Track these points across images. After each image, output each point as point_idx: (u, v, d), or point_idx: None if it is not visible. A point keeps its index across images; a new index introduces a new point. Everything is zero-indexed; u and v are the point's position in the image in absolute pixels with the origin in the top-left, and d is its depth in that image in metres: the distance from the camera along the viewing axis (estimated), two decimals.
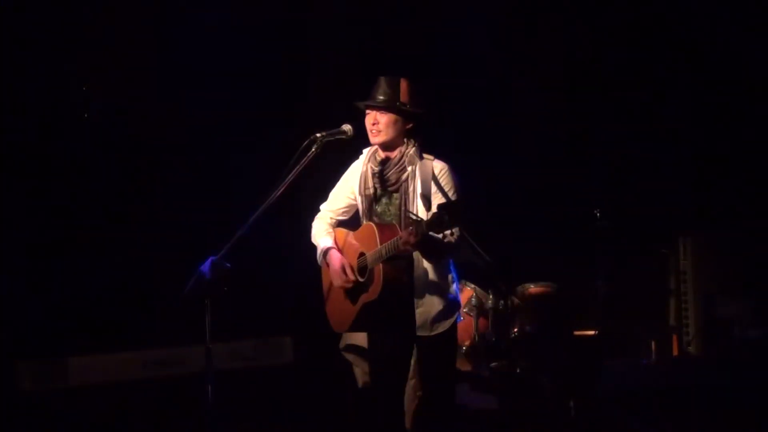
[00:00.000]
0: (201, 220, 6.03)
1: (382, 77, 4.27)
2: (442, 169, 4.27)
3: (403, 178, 4.26)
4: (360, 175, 4.37)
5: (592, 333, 6.00)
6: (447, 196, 4.18)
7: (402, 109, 4.24)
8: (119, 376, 5.63)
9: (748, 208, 6.18)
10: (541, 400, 5.64)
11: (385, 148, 4.30)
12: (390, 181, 4.28)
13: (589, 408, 5.52)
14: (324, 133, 4.20)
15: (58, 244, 5.90)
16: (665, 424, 4.88)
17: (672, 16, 6.35)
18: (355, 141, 4.31)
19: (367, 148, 4.40)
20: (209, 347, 4.10)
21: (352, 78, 5.93)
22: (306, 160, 4.15)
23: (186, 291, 4.04)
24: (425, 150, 4.32)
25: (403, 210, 4.23)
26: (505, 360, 5.58)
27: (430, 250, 4.09)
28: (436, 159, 4.30)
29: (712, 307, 5.63)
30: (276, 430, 5.96)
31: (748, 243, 5.89)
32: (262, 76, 6.45)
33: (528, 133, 6.62)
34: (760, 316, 5.72)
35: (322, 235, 4.46)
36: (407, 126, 4.28)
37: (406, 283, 4.19)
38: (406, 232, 3.97)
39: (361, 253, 4.25)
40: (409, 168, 4.25)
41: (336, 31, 6.59)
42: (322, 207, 4.54)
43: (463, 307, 5.67)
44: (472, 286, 5.75)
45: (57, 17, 5.94)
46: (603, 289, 5.88)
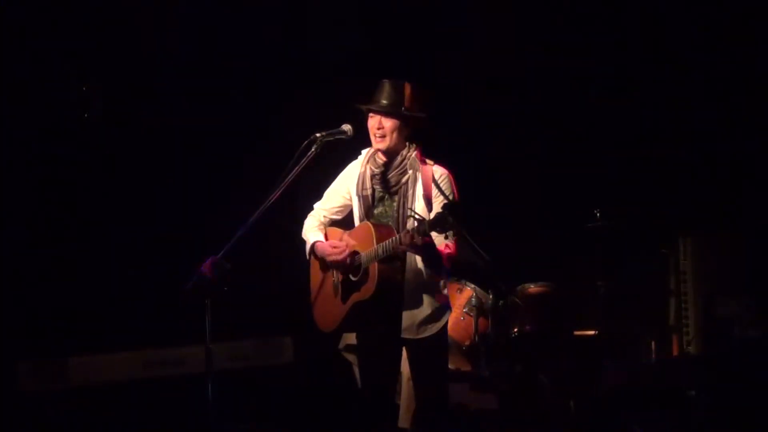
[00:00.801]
0: (201, 220, 6.03)
1: (386, 80, 4.25)
2: (442, 174, 4.27)
3: (403, 180, 4.25)
4: (358, 176, 4.35)
5: (592, 333, 6.00)
6: (448, 199, 4.17)
7: (407, 115, 4.23)
8: (119, 376, 5.63)
9: (748, 208, 6.18)
10: (541, 400, 5.64)
11: (386, 151, 4.29)
12: (390, 184, 4.28)
13: (589, 408, 5.53)
14: (324, 133, 4.20)
15: (58, 243, 5.90)
16: (665, 424, 4.88)
17: (672, 16, 6.34)
18: (355, 141, 4.31)
19: (366, 149, 4.39)
20: (209, 347, 4.10)
21: (352, 78, 5.92)
22: (306, 160, 4.15)
23: (186, 291, 4.05)
24: (426, 154, 4.32)
25: (401, 212, 4.22)
26: (505, 360, 5.58)
27: (431, 257, 4.09)
28: (436, 164, 4.30)
29: (712, 307, 5.63)
30: (276, 430, 5.97)
31: (748, 243, 5.88)
32: (262, 76, 6.45)
33: (528, 132, 6.62)
34: (760, 316, 5.71)
35: (312, 230, 4.45)
36: (410, 130, 4.28)
37: (398, 284, 4.18)
38: (407, 233, 3.97)
39: (356, 252, 4.24)
40: (410, 171, 4.24)
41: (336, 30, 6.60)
42: (316, 205, 4.54)
43: (463, 307, 5.67)
44: (472, 286, 5.74)
45: (57, 17, 5.95)
46: (603, 289, 5.88)
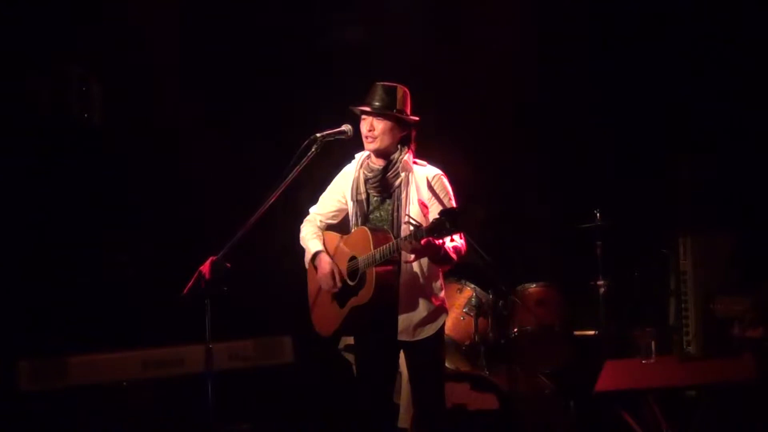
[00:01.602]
0: (201, 220, 6.03)
1: (378, 83, 4.27)
2: (436, 176, 4.27)
3: (396, 184, 4.25)
4: (352, 180, 4.36)
5: (592, 333, 6.00)
6: (443, 203, 4.18)
7: (399, 117, 4.23)
8: (119, 376, 5.62)
9: (749, 207, 6.17)
10: (541, 400, 5.64)
11: (379, 155, 4.29)
12: (384, 187, 4.27)
13: (589, 408, 5.52)
14: (324, 133, 4.21)
15: (58, 243, 5.90)
16: (665, 424, 4.87)
17: (672, 15, 6.34)
18: (354, 141, 4.32)
19: (360, 153, 4.40)
20: (209, 347, 4.10)
21: (351, 78, 5.92)
22: (306, 160, 4.15)
23: (186, 291, 4.05)
24: (418, 156, 4.32)
25: (395, 216, 4.22)
26: (505, 360, 5.58)
27: (435, 255, 4.08)
28: (429, 165, 4.30)
29: (712, 307, 5.61)
30: (276, 430, 5.96)
31: (748, 243, 5.87)
32: (262, 76, 6.45)
33: (527, 132, 6.62)
34: (760, 316, 5.70)
35: (312, 238, 4.46)
36: (402, 133, 4.28)
37: (394, 288, 4.19)
38: (405, 241, 3.96)
39: (352, 257, 4.24)
40: (403, 174, 4.25)
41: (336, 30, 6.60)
42: (312, 210, 4.54)
43: (463, 307, 5.68)
44: (472, 286, 5.75)
45: (57, 17, 5.95)
46: (603, 289, 5.88)
